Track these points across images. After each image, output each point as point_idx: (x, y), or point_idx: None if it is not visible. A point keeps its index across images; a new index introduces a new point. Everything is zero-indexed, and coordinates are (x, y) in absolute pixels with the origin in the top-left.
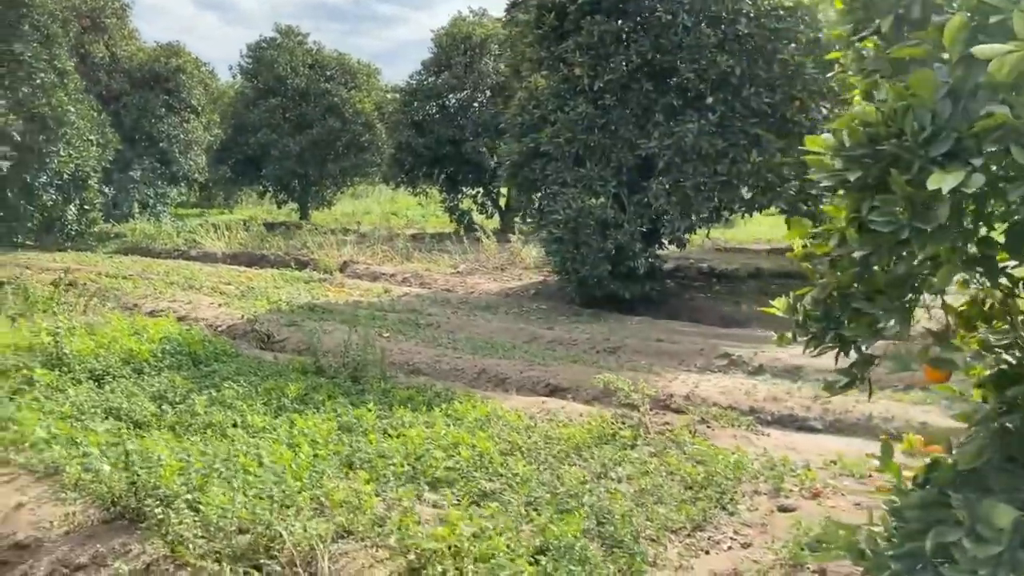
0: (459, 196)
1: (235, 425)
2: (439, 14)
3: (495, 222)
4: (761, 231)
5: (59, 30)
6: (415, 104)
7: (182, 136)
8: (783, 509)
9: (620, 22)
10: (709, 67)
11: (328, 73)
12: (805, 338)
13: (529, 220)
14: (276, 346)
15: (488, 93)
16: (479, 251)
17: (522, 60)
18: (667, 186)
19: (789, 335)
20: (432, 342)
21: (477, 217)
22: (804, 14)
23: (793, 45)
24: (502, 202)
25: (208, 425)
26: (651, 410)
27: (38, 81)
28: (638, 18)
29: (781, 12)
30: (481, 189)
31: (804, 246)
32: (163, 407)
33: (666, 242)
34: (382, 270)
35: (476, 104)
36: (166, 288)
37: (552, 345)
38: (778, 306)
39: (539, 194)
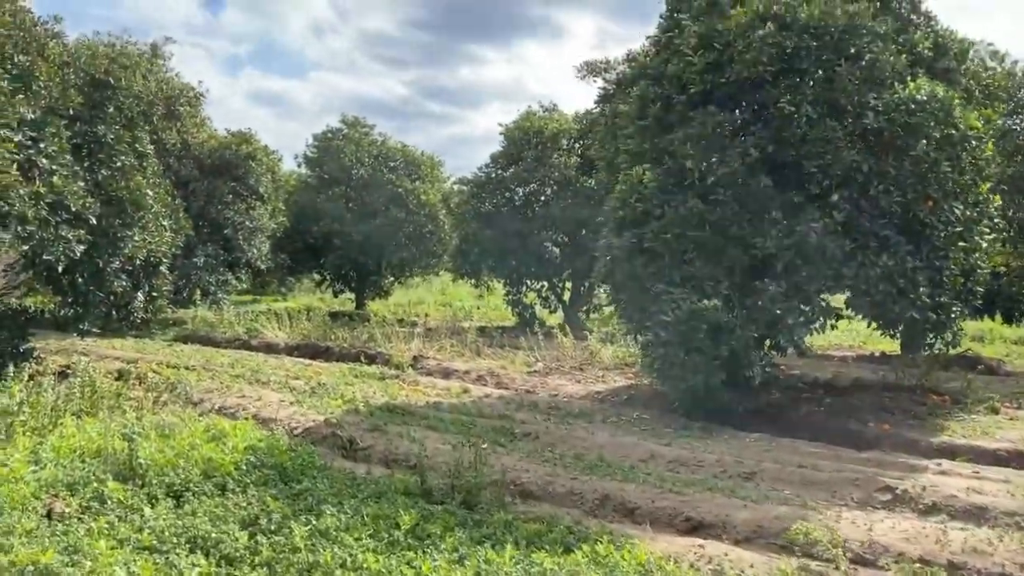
0: (523, 289)
1: (344, 566)
2: (487, 113)
3: (557, 317)
4: (835, 336)
5: (141, 113)
6: (483, 196)
7: (247, 223)
8: None
9: (735, 113)
10: (834, 162)
11: (391, 164)
12: None
13: (591, 314)
14: (360, 454)
15: (555, 187)
16: (553, 348)
17: (618, 152)
18: (784, 289)
19: None
20: (536, 457)
21: (540, 311)
22: (937, 109)
23: (925, 141)
24: (566, 296)
25: (312, 566)
26: (831, 562)
27: (118, 164)
28: (755, 109)
29: (912, 106)
30: (545, 283)
31: None
32: (256, 538)
33: (765, 350)
34: (454, 367)
35: (543, 198)
36: (232, 382)
37: (674, 466)
38: None
39: (640, 293)
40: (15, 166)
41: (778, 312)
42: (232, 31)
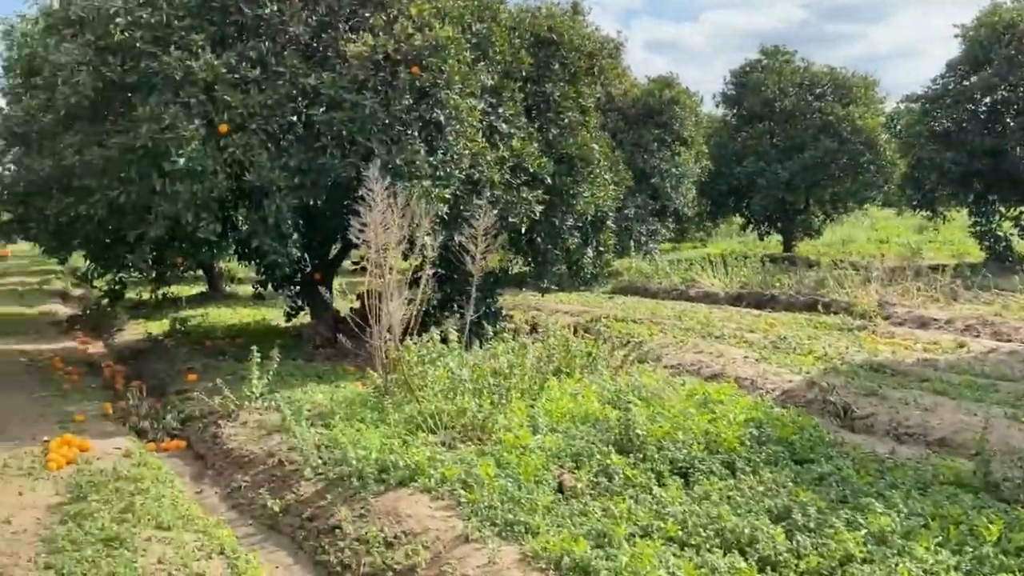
0: (995, 219)
1: None
2: (894, 25)
3: None
4: None
5: (583, 68)
6: (936, 113)
7: (673, 170)
8: None
9: None
10: None
11: (817, 91)
12: None
13: None
14: (858, 424)
15: None
16: None
17: None
18: None
19: None
20: None
21: (1018, 243)
22: None
23: None
24: None
25: None
26: None
27: (565, 121)
28: None
29: None
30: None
31: None
32: (796, 538)
33: None
34: (929, 315)
35: (1017, 106)
36: (684, 336)
37: None
38: None
39: None
40: (479, 133)
41: None
42: None
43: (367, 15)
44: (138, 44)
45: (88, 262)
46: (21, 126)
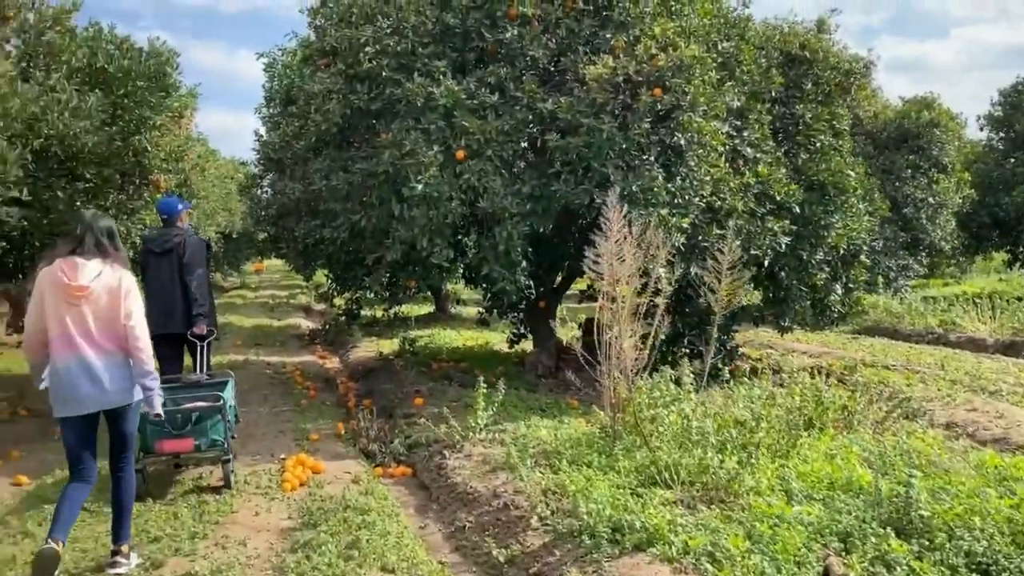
0: None
1: None
2: None
3: None
4: None
5: (839, 86)
6: None
7: (930, 199)
8: None
9: None
10: None
11: None
12: None
13: None
14: None
15: None
16: None
17: None
18: None
19: None
20: None
21: None
22: None
23: None
24: None
25: None
26: None
27: (816, 145)
28: None
29: None
30: None
31: None
32: None
33: None
34: None
35: None
36: (949, 388)
37: None
38: None
39: None
40: (722, 158)
41: None
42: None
43: (608, 36)
44: (384, 72)
45: (329, 281)
46: (277, 152)
